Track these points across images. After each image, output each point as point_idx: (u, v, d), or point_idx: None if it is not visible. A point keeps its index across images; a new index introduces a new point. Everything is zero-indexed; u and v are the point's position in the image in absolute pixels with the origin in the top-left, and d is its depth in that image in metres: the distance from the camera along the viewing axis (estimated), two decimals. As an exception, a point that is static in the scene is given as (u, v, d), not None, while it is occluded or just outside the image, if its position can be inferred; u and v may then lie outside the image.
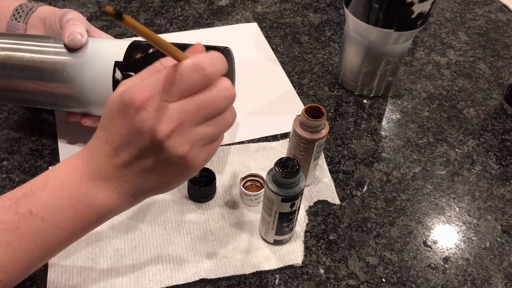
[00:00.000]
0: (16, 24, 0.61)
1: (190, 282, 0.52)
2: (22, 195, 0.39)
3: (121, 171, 0.38)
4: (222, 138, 0.40)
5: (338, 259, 0.55)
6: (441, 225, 0.60)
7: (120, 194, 0.39)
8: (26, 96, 0.58)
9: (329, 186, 0.63)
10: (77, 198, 0.39)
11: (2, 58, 0.56)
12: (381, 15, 0.64)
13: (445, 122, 0.74)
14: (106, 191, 0.39)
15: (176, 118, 0.35)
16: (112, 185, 0.39)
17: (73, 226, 0.39)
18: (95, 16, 0.89)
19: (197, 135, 0.37)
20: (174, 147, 0.36)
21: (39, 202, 0.38)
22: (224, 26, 0.89)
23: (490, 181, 0.66)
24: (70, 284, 0.51)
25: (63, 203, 0.39)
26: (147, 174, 0.38)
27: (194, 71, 0.35)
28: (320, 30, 0.90)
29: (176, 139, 0.36)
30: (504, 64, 0.86)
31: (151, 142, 0.36)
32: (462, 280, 0.55)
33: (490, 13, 0.99)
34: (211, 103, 0.36)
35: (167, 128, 0.35)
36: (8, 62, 0.56)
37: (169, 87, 0.35)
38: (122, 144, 0.37)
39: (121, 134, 0.37)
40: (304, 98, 0.76)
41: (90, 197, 0.39)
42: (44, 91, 0.57)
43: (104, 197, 0.39)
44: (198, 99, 0.36)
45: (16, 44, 0.56)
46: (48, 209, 0.38)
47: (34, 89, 0.57)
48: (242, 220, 0.58)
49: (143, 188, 0.39)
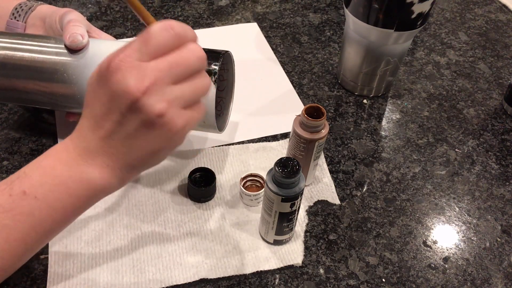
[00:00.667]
0: (15, 23, 0.61)
1: (190, 282, 0.52)
2: (16, 177, 0.40)
3: (106, 143, 0.39)
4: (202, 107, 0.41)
5: (338, 259, 0.55)
6: (441, 225, 0.60)
7: (109, 168, 0.40)
8: (26, 96, 0.58)
9: (329, 186, 0.63)
10: (68, 175, 0.39)
11: (3, 57, 0.56)
12: (381, 15, 0.65)
13: (445, 122, 0.74)
14: (95, 166, 0.39)
15: (150, 75, 0.36)
16: (100, 159, 0.39)
17: (65, 204, 0.40)
18: (95, 16, 0.89)
19: (173, 92, 0.37)
20: (151, 104, 0.36)
21: (31, 182, 0.39)
22: (224, 26, 0.89)
23: (490, 181, 0.66)
24: (70, 284, 0.51)
25: (55, 181, 0.39)
26: (132, 142, 0.38)
27: (164, 30, 0.37)
28: (320, 30, 0.90)
29: (152, 96, 0.36)
30: (504, 64, 0.86)
31: (129, 101, 0.36)
32: (462, 280, 0.55)
33: (490, 13, 0.99)
34: (183, 61, 0.37)
35: (142, 84, 0.36)
36: (8, 62, 0.56)
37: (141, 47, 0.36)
38: (103, 113, 0.38)
39: (101, 103, 0.38)
40: (304, 98, 0.76)
41: (80, 173, 0.39)
42: (44, 91, 0.57)
43: (93, 172, 0.39)
44: (170, 57, 0.37)
45: (16, 43, 0.56)
46: (40, 188, 0.39)
47: (34, 89, 0.57)
48: (242, 220, 0.58)
49: (130, 159, 0.40)
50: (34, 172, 0.40)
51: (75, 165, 0.39)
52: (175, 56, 0.37)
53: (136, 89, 0.36)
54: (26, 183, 0.39)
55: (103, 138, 0.38)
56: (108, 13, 0.90)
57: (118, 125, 0.38)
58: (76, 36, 0.54)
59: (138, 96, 0.36)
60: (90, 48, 0.56)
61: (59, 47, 0.56)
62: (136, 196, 0.60)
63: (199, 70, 0.39)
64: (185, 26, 0.38)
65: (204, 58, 0.39)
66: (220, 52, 0.56)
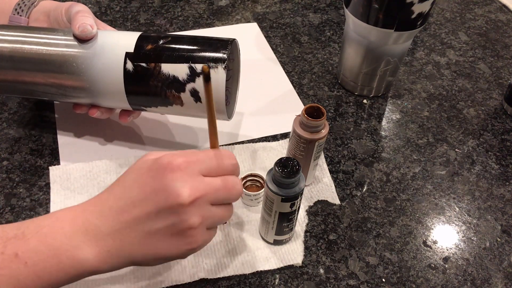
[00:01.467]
0: (18, 18, 0.61)
1: (190, 282, 0.52)
2: (14, 236, 0.39)
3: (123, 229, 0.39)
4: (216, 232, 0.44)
5: (338, 259, 0.55)
6: (441, 225, 0.60)
7: (108, 254, 0.39)
8: (35, 88, 0.58)
9: (329, 186, 0.63)
10: (65, 249, 0.39)
11: (10, 50, 0.56)
12: (381, 15, 0.65)
13: (445, 122, 0.74)
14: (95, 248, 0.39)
15: (202, 189, 0.39)
16: (105, 243, 0.39)
17: (52, 276, 0.39)
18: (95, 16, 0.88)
19: (210, 212, 0.40)
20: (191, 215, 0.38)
21: (27, 246, 0.38)
22: (224, 26, 0.89)
23: (490, 181, 0.66)
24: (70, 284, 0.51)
25: (50, 252, 0.38)
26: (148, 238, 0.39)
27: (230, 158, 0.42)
28: (320, 30, 0.90)
29: (195, 208, 0.38)
30: (504, 64, 0.86)
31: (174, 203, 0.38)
32: (462, 280, 0.55)
33: (490, 13, 0.99)
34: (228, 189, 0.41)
35: (193, 194, 0.38)
36: (16, 55, 0.56)
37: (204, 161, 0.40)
38: (140, 200, 0.38)
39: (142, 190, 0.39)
40: (304, 98, 0.76)
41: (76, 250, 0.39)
42: (53, 82, 0.57)
43: (90, 253, 0.39)
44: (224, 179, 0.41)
45: (24, 36, 0.56)
46: (34, 255, 0.38)
47: (43, 81, 0.57)
48: (242, 220, 0.58)
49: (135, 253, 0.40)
50: (32, 236, 0.39)
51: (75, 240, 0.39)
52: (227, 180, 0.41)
53: (188, 196, 0.38)
54: (21, 246, 0.38)
55: (124, 223, 0.39)
56: (108, 13, 0.90)
57: (147, 217, 0.38)
58: (86, 26, 0.55)
59: (185, 203, 0.38)
60: (99, 38, 0.56)
61: (68, 39, 0.56)
62: (136, 196, 0.60)
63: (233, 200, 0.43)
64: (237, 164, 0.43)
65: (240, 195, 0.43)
66: (228, 40, 0.56)
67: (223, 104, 0.55)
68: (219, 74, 0.53)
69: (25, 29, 0.58)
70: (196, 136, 0.67)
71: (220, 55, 0.54)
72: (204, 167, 0.40)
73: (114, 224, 0.39)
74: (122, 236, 0.39)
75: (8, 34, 0.57)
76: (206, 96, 0.39)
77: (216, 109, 0.56)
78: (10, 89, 0.59)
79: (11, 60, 0.56)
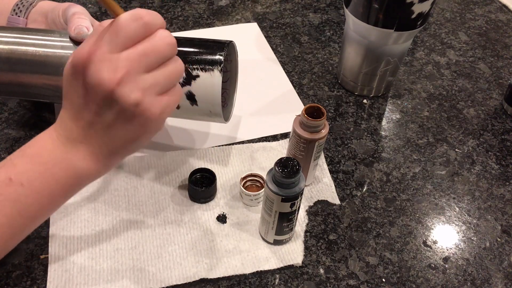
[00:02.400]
0: (16, 19, 0.61)
1: (190, 282, 0.52)
2: (2, 165, 0.40)
3: (87, 132, 0.39)
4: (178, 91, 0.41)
5: (338, 259, 0.55)
6: (441, 225, 0.60)
7: (93, 155, 0.40)
8: (31, 90, 0.58)
9: (329, 186, 0.63)
10: (53, 163, 0.40)
11: (7, 52, 0.56)
12: (381, 15, 0.65)
13: (445, 122, 0.74)
14: (79, 154, 0.40)
15: (122, 66, 0.37)
16: (83, 147, 0.40)
17: (52, 190, 0.40)
18: (95, 16, 0.88)
19: (147, 81, 0.38)
20: (126, 95, 0.37)
21: (17, 169, 0.40)
22: (224, 26, 0.89)
23: (490, 181, 0.66)
24: (70, 284, 0.51)
25: (40, 168, 0.40)
26: (111, 131, 0.39)
27: (133, 20, 0.37)
28: (320, 30, 0.90)
29: (126, 86, 0.37)
30: (504, 64, 0.86)
31: (104, 93, 0.37)
32: (462, 280, 0.55)
33: (490, 13, 0.99)
34: (154, 49, 0.38)
35: (115, 76, 0.36)
36: (12, 56, 0.56)
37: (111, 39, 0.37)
38: (81, 104, 0.39)
39: (78, 95, 0.38)
40: (304, 98, 0.76)
41: (65, 161, 0.40)
42: (50, 84, 0.57)
43: (78, 160, 0.40)
44: (141, 46, 0.37)
45: (20, 38, 0.56)
46: (26, 175, 0.39)
47: (39, 83, 0.57)
48: (242, 220, 0.58)
49: (112, 147, 0.40)
50: (19, 159, 0.40)
51: (60, 153, 0.40)
52: (146, 45, 0.38)
53: (110, 81, 0.36)
54: (12, 170, 0.39)
55: (83, 127, 0.39)
56: (108, 13, 0.90)
57: (96, 116, 0.38)
58: (82, 28, 0.55)
59: (112, 87, 0.36)
60: None
61: (64, 40, 0.56)
62: (136, 196, 0.60)
63: (171, 56, 0.40)
64: (154, 14, 0.38)
65: (174, 44, 0.39)
66: (224, 42, 0.56)
67: (219, 106, 0.55)
68: (215, 76, 0.53)
69: (22, 30, 0.58)
70: (192, 139, 0.67)
71: (217, 58, 0.54)
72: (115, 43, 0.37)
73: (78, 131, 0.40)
74: (91, 138, 0.40)
75: (4, 35, 0.57)
76: None
77: (213, 112, 0.56)
78: (6, 90, 0.59)
79: (7, 62, 0.56)
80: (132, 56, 0.37)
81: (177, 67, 0.40)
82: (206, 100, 0.55)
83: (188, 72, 0.54)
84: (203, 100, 0.55)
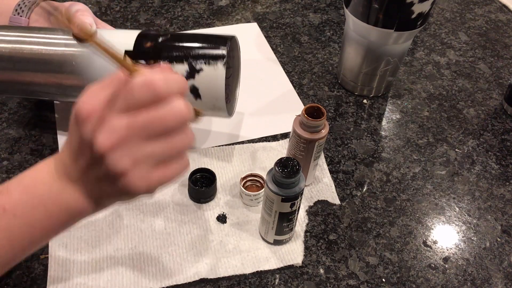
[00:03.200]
0: (18, 19, 0.61)
1: (190, 282, 0.52)
2: None
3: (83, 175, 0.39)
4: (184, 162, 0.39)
5: (338, 259, 0.55)
6: (441, 225, 0.60)
7: (85, 196, 0.40)
8: (35, 88, 0.58)
9: (329, 186, 0.63)
10: (48, 197, 0.39)
11: (10, 51, 0.56)
12: (381, 15, 0.65)
13: (445, 122, 0.74)
14: (74, 192, 0.40)
15: (119, 131, 0.35)
16: (78, 187, 0.39)
17: (44, 224, 0.40)
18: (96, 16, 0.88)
19: (143, 151, 0.36)
20: (114, 162, 0.35)
21: (12, 199, 0.39)
22: (224, 26, 0.89)
23: (490, 181, 0.66)
24: (70, 283, 0.51)
25: (35, 201, 0.39)
26: (100, 184, 0.38)
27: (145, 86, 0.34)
28: (320, 30, 0.90)
29: (117, 153, 0.35)
30: (504, 64, 0.86)
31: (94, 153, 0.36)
32: (462, 280, 0.55)
33: (490, 13, 0.99)
34: (160, 119, 0.35)
35: (108, 140, 0.35)
36: (15, 55, 0.56)
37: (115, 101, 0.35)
38: (78, 150, 0.38)
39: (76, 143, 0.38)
40: (304, 98, 0.76)
41: (59, 196, 0.39)
42: (53, 82, 0.57)
43: (72, 198, 0.40)
44: (146, 114, 0.35)
45: (24, 36, 0.56)
46: (21, 206, 0.39)
47: (43, 81, 0.57)
48: (242, 220, 0.58)
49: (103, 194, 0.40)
50: (16, 188, 0.39)
51: (56, 188, 0.39)
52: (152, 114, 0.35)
53: (102, 144, 0.35)
54: (7, 199, 0.39)
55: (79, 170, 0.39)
56: (108, 13, 0.90)
57: (87, 167, 0.38)
58: (85, 25, 0.55)
59: (103, 151, 0.35)
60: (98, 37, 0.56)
61: (67, 38, 0.56)
62: (136, 196, 0.60)
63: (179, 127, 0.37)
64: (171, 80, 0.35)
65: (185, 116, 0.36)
66: (227, 37, 0.56)
67: (223, 101, 0.55)
68: (218, 70, 0.53)
69: (24, 29, 0.58)
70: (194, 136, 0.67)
71: (220, 52, 0.54)
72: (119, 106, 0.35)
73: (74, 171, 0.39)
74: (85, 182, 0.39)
75: (7, 34, 0.57)
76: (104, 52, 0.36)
77: (217, 106, 0.56)
78: (10, 89, 0.60)
79: (10, 60, 0.56)
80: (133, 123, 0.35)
81: (184, 139, 0.37)
82: (210, 94, 0.55)
83: (191, 66, 0.54)
84: (207, 94, 0.55)
